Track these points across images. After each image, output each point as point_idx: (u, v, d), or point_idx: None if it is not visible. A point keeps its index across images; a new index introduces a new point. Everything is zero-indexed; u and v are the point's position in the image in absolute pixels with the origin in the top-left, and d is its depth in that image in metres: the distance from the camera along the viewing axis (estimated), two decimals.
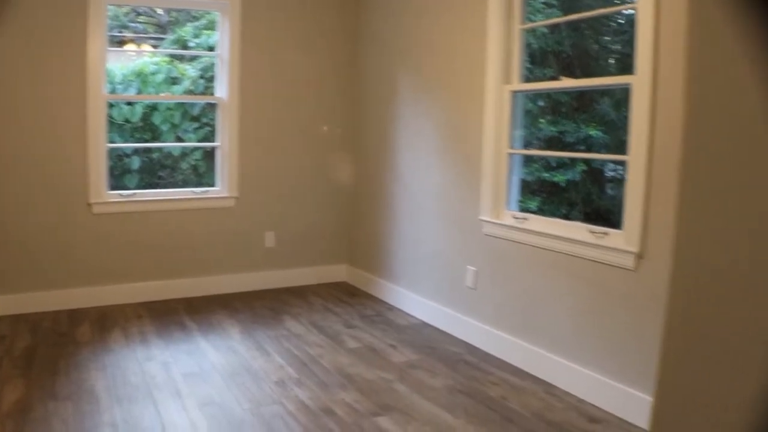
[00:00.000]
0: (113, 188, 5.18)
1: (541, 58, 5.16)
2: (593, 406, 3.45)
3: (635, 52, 3.23)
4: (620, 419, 3.27)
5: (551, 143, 5.24)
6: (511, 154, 4.13)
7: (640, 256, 3.20)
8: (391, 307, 5.23)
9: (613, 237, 3.41)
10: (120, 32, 7.45)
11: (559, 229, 3.76)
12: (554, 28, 5.00)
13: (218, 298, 5.32)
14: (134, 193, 5.20)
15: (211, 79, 5.86)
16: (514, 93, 4.09)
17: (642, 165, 3.19)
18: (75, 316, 4.72)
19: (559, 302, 3.73)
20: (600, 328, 3.46)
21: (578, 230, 3.64)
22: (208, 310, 4.97)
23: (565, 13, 4.78)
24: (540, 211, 4.99)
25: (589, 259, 3.50)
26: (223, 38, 5.35)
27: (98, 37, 4.81)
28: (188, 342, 4.26)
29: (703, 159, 1.35)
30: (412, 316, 4.99)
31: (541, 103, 5.28)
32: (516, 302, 4.04)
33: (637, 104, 3.21)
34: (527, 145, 4.48)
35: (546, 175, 5.19)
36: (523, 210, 4.26)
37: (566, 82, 4.30)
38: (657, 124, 3.11)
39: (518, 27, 4.09)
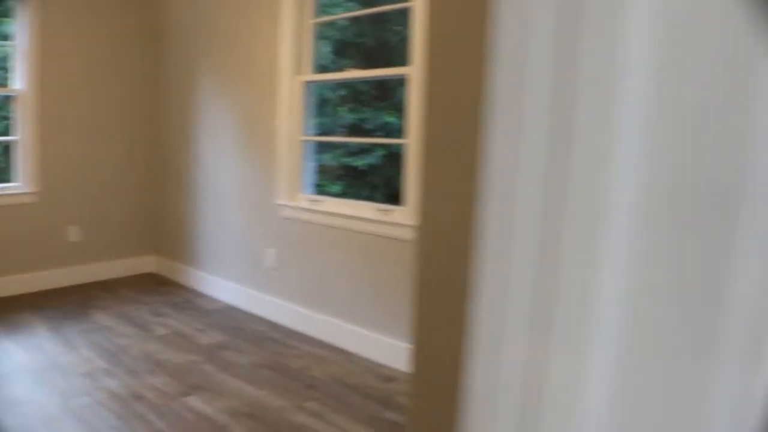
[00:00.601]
0: None
1: (342, 49, 5.44)
2: (388, 367, 3.80)
3: (411, 44, 3.58)
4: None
5: (353, 130, 5.54)
6: (304, 141, 4.40)
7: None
8: (199, 294, 5.36)
9: (397, 213, 3.76)
10: None
11: (350, 209, 4.07)
12: (355, 20, 5.27)
13: (24, 297, 5.15)
14: None
15: (8, 70, 5.62)
16: (307, 83, 4.34)
17: (417, 148, 3.55)
18: None
19: (353, 276, 4.05)
20: (390, 297, 3.81)
21: (367, 209, 3.97)
22: (12, 309, 4.82)
23: (364, 7, 5.07)
24: (344, 195, 5.27)
25: (378, 235, 3.84)
26: (21, 27, 5.16)
27: None
28: None
29: (434, 147, 1.61)
30: (219, 301, 5.16)
31: (342, 92, 5.55)
32: (315, 279, 4.32)
33: (414, 93, 3.56)
34: (330, 132, 4.75)
35: (348, 160, 5.50)
36: (326, 194, 4.54)
37: (352, 73, 4.61)
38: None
39: (310, 21, 4.33)
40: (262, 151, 4.66)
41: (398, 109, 5.68)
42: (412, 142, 3.60)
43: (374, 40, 5.76)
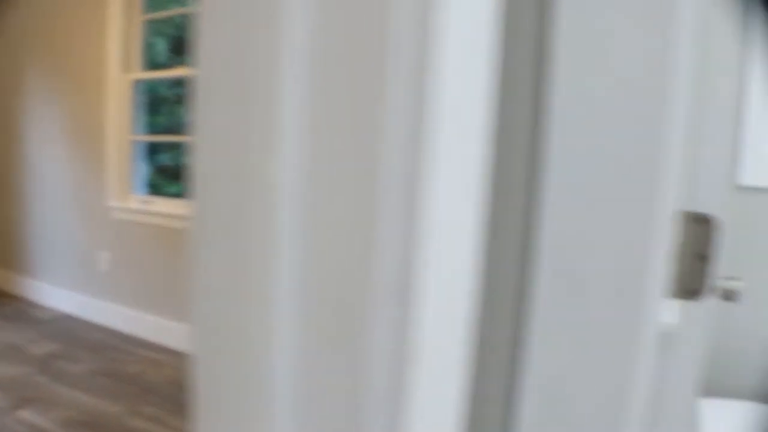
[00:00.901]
0: None
1: (180, 46, 5.35)
2: None
3: None
4: None
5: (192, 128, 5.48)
6: (134, 141, 4.33)
7: None
8: (32, 303, 5.13)
9: None
10: None
11: (183, 209, 4.06)
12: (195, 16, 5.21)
13: None
14: None
15: None
16: (137, 82, 4.27)
17: None
18: None
19: (187, 277, 4.04)
20: None
21: None
22: None
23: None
24: (185, 195, 5.21)
25: None
26: None
27: None
28: None
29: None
30: (53, 309, 4.96)
31: (179, 91, 5.47)
32: (150, 281, 4.29)
33: None
34: (168, 131, 4.68)
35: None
36: (165, 194, 4.48)
37: (183, 70, 4.58)
38: None
39: (139, 18, 4.26)
40: (91, 152, 4.54)
41: None
42: None
43: None
